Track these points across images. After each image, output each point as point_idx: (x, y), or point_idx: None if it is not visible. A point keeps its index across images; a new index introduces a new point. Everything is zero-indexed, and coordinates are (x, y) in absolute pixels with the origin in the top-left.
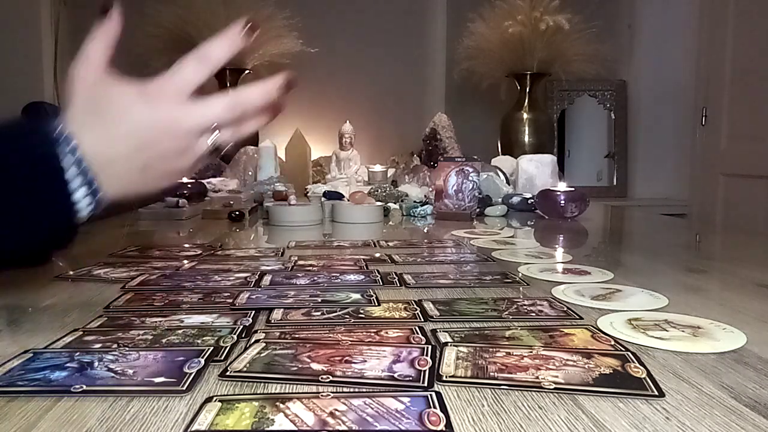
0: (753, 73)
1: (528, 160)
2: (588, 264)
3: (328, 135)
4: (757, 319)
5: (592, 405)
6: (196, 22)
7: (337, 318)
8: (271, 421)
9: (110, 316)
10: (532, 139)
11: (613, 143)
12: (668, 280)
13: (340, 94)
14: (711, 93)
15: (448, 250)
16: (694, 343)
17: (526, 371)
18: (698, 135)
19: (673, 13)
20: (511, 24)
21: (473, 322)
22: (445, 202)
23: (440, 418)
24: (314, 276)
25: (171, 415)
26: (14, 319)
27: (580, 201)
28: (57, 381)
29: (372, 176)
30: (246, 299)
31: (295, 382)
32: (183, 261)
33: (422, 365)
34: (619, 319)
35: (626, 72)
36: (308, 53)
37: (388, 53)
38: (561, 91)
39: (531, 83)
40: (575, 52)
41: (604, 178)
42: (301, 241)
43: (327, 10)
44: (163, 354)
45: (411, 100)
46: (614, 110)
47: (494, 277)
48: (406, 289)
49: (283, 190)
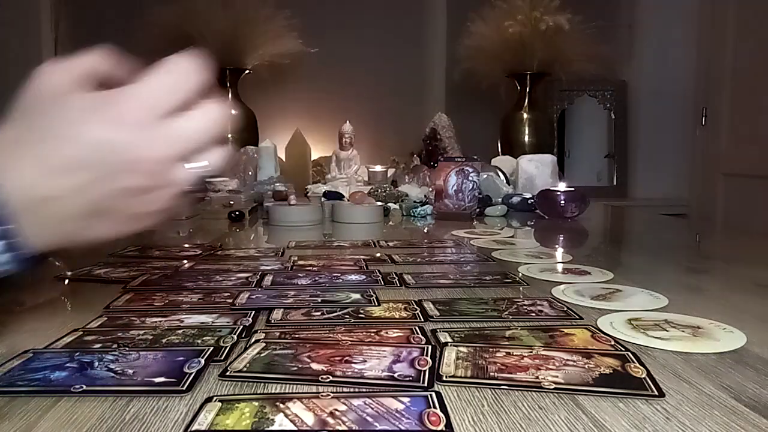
0: (753, 73)
1: (528, 160)
2: (588, 264)
3: (328, 135)
4: (757, 319)
5: (592, 405)
6: (196, 22)
7: (337, 318)
8: (271, 421)
9: (110, 316)
10: (532, 139)
11: (613, 143)
12: (668, 280)
13: (340, 94)
14: (711, 93)
15: (448, 250)
16: (694, 343)
17: (526, 371)
18: (698, 135)
19: (673, 13)
20: (511, 24)
21: (473, 322)
22: (445, 202)
23: (440, 418)
24: (314, 276)
25: (171, 415)
26: (14, 319)
27: (580, 201)
28: (57, 381)
29: (372, 176)
30: (246, 299)
31: (295, 382)
32: (183, 261)
33: (422, 365)
34: (619, 319)
35: (626, 72)
36: (308, 53)
37: (388, 53)
38: (561, 91)
39: (531, 83)
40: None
41: (604, 178)
42: (301, 241)
43: (327, 10)
44: (163, 354)
45: (411, 100)
46: (614, 110)
47: (494, 277)
48: (406, 289)
49: (283, 190)
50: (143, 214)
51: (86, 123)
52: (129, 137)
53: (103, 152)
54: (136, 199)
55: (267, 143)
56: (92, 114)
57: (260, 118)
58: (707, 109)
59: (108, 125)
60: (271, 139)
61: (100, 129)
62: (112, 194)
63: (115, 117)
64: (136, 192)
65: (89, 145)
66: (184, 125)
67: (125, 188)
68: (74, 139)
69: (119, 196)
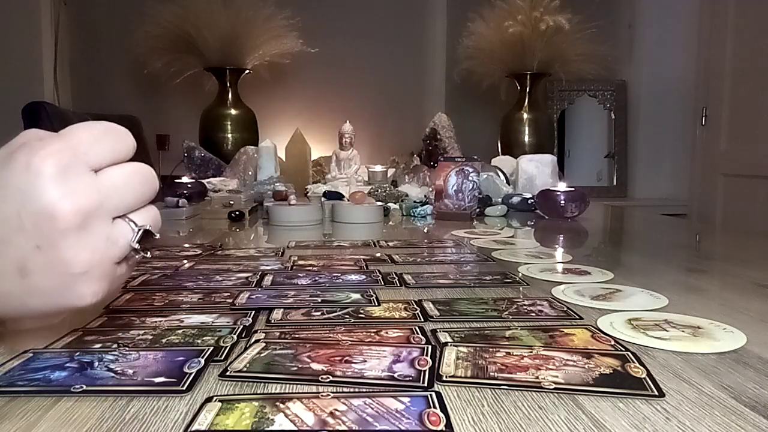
0: (753, 73)
1: (528, 160)
2: (588, 264)
3: (328, 135)
4: (757, 319)
5: (592, 405)
6: (196, 22)
7: (337, 318)
8: (271, 421)
9: (110, 316)
10: (532, 139)
11: (613, 143)
12: (668, 280)
13: (340, 94)
14: (711, 93)
15: (448, 250)
16: (694, 343)
17: (526, 371)
18: (698, 135)
19: (673, 13)
20: (511, 24)
21: (473, 322)
22: (445, 202)
23: (440, 418)
24: (314, 276)
25: (171, 415)
26: None
27: (580, 201)
28: (57, 381)
29: (372, 176)
30: (246, 299)
31: (295, 382)
32: (183, 261)
33: (422, 365)
34: (619, 319)
35: (626, 72)
36: (308, 53)
37: (388, 53)
38: (561, 91)
39: (531, 83)
40: (575, 52)
41: (604, 178)
42: (301, 241)
43: (327, 10)
44: (163, 354)
45: (411, 100)
46: (614, 110)
47: (494, 277)
48: (406, 289)
49: (283, 190)
50: (78, 276)
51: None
52: (47, 185)
53: (16, 201)
54: (62, 255)
55: (267, 143)
56: (8, 160)
57: (260, 118)
58: (707, 109)
59: (25, 171)
60: (271, 139)
61: (16, 175)
62: (33, 250)
63: (35, 163)
64: (63, 247)
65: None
66: (112, 175)
67: (48, 243)
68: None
69: (44, 251)
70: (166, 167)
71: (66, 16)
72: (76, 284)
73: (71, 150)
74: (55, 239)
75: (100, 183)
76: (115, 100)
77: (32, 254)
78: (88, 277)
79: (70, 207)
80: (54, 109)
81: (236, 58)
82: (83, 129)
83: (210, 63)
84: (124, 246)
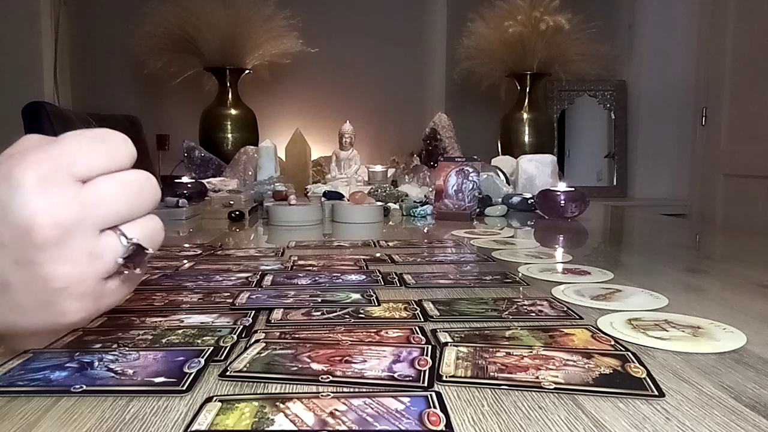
0: (753, 73)
1: (528, 160)
2: (588, 264)
3: (328, 135)
4: (757, 319)
5: (592, 405)
6: (196, 22)
7: (337, 318)
8: (271, 421)
9: (110, 316)
10: (532, 139)
11: (613, 143)
12: (668, 280)
13: (340, 94)
14: (711, 93)
15: (448, 250)
16: (694, 343)
17: (526, 371)
18: (698, 135)
19: (673, 13)
20: (511, 24)
21: (473, 322)
22: (445, 202)
23: (440, 418)
24: (314, 276)
25: (171, 415)
26: None
27: (580, 201)
28: (57, 381)
29: (372, 176)
30: (246, 299)
31: (295, 382)
32: (183, 261)
33: (422, 365)
34: (619, 319)
35: (626, 72)
36: (308, 53)
37: (388, 53)
38: (561, 91)
39: (531, 83)
40: (575, 52)
41: (604, 178)
42: (301, 241)
43: (327, 10)
44: (163, 354)
45: (411, 100)
46: (614, 110)
47: (494, 277)
48: (406, 289)
49: (283, 190)
50: (58, 293)
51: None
52: (25, 197)
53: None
54: (40, 271)
55: (267, 143)
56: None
57: (260, 118)
58: (707, 109)
59: (5, 183)
60: (271, 139)
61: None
62: (12, 265)
63: (14, 175)
64: (41, 263)
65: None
66: (99, 186)
67: (26, 258)
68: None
69: (22, 266)
70: (166, 167)
71: (66, 16)
72: (57, 301)
73: (54, 161)
74: (32, 254)
75: (84, 195)
76: (115, 100)
77: (11, 269)
78: (68, 294)
79: (48, 220)
80: (54, 109)
81: (236, 58)
82: (72, 138)
83: (210, 63)
84: (110, 261)
